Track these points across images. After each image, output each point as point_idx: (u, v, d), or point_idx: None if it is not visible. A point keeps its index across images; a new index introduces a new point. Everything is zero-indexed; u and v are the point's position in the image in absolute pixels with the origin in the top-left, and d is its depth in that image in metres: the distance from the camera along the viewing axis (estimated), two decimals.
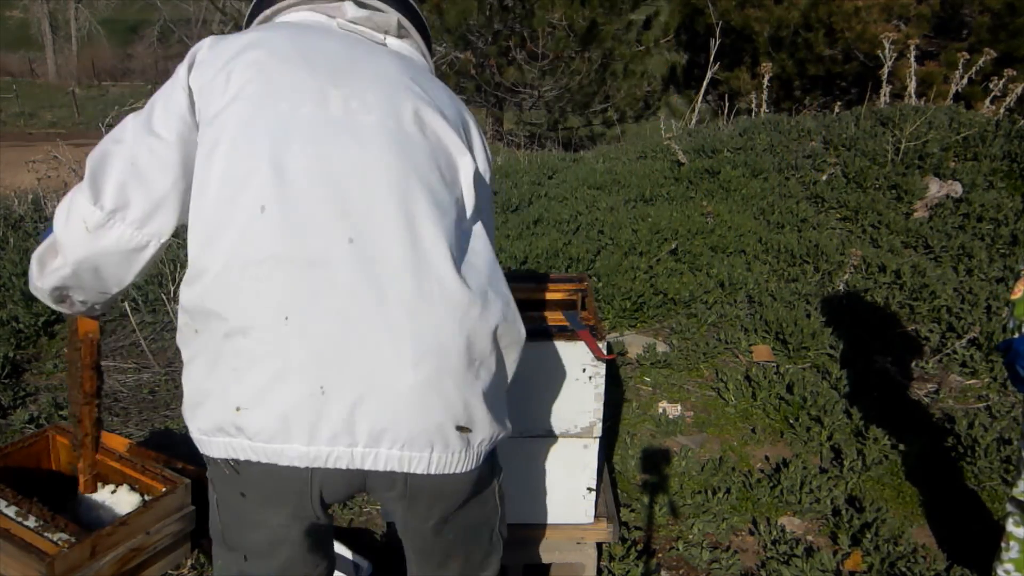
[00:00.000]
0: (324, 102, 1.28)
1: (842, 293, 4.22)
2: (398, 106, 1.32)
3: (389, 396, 1.22)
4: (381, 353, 1.21)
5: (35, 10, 32.99)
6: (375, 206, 1.24)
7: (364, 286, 1.21)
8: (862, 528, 2.68)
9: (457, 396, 1.26)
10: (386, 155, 1.27)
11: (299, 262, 1.20)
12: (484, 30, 11.07)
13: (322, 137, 1.26)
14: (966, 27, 10.83)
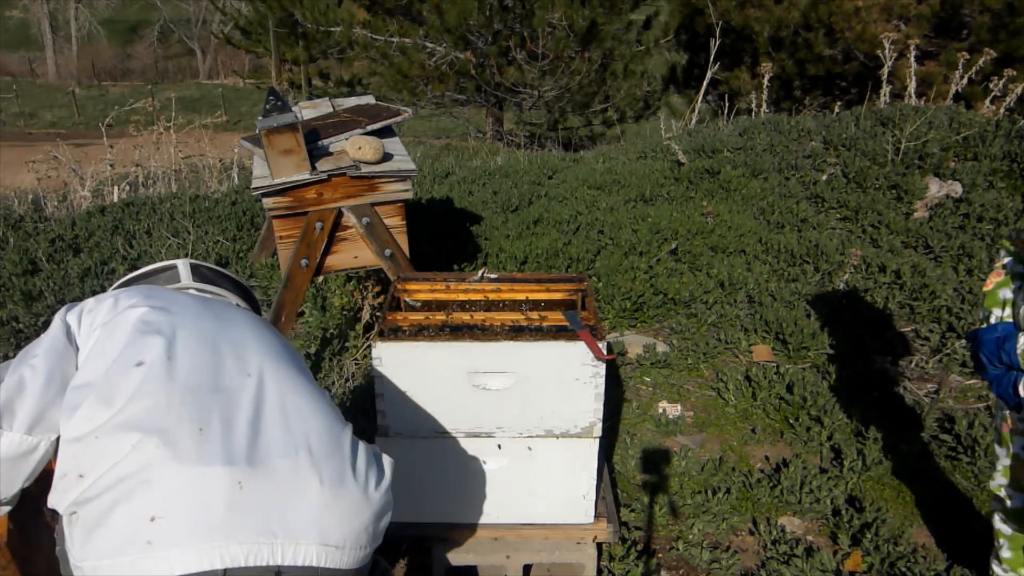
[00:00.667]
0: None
1: (842, 293, 4.22)
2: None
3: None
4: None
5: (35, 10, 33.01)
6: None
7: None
8: (862, 528, 2.68)
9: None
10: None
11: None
12: (484, 30, 11.07)
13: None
14: (966, 27, 10.83)
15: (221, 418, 1.35)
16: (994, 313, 1.98)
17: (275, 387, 1.45)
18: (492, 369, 2.16)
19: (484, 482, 2.31)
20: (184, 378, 1.39)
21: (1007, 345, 1.83)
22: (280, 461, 1.34)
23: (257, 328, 1.61)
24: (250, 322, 1.63)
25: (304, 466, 1.35)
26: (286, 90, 12.22)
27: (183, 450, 1.28)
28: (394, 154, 3.37)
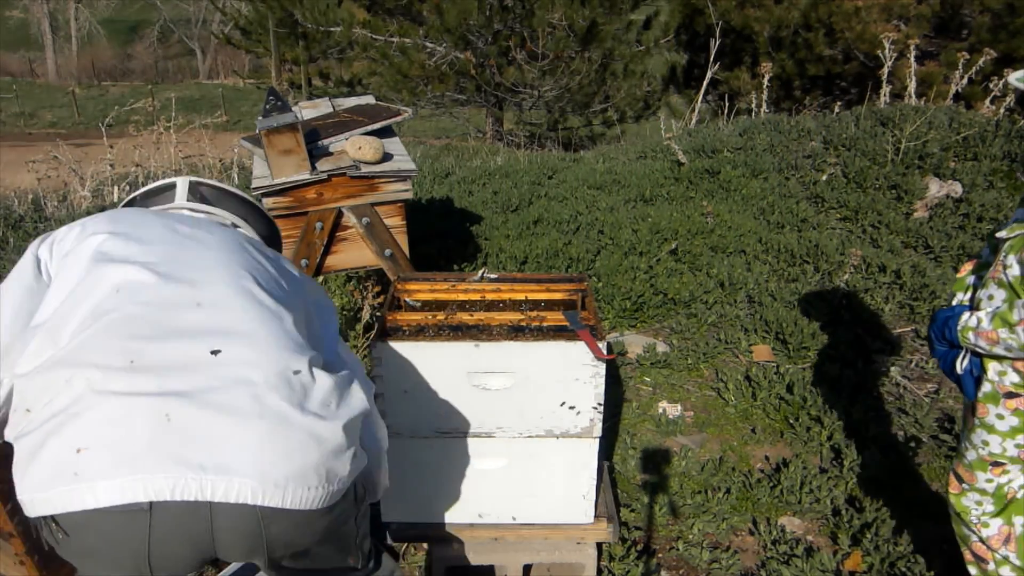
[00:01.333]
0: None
1: (842, 293, 4.21)
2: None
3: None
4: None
5: (35, 10, 33.00)
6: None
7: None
8: (862, 528, 2.68)
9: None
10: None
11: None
12: (484, 30, 11.07)
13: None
14: (966, 27, 10.83)
15: (158, 351, 1.31)
16: (956, 296, 2.05)
17: (224, 318, 1.39)
18: (492, 369, 2.16)
19: (484, 482, 2.31)
20: (129, 309, 1.35)
21: (951, 323, 1.91)
22: (217, 395, 1.28)
23: (226, 252, 1.54)
24: (222, 246, 1.55)
25: (243, 399, 1.29)
26: (286, 90, 12.22)
27: (112, 382, 1.25)
28: (394, 154, 3.37)
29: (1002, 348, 1.80)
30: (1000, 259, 1.86)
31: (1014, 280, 1.81)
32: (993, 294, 1.87)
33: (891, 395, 3.51)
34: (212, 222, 1.70)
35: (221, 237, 1.59)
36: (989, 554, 2.04)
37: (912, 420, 3.30)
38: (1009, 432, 1.88)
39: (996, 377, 1.86)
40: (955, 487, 2.04)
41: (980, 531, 2.02)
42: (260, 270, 1.55)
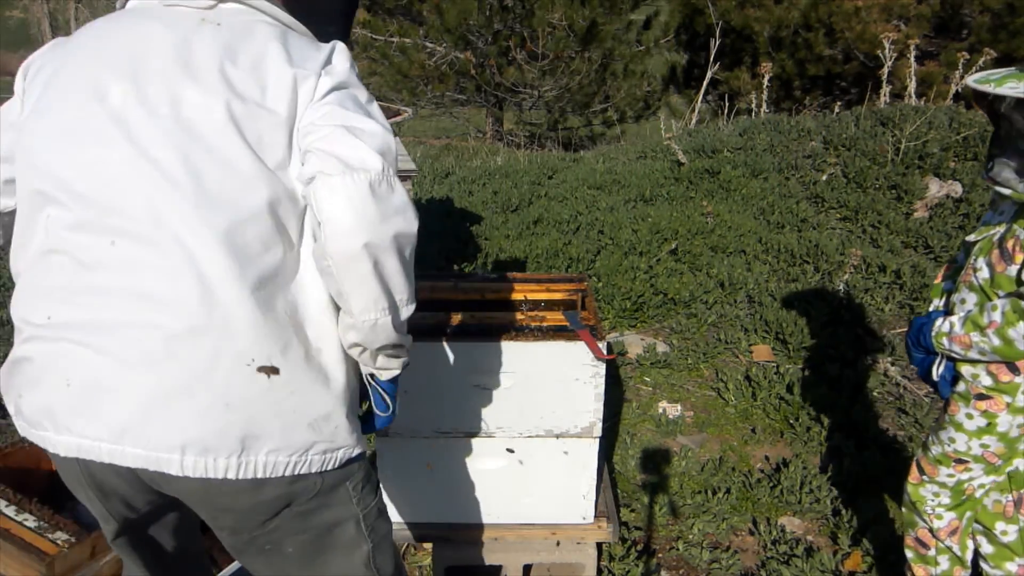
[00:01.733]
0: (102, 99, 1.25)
1: (842, 293, 4.22)
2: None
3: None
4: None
5: (35, 10, 33.03)
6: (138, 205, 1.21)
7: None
8: (862, 528, 2.68)
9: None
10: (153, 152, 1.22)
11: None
12: (484, 30, 11.07)
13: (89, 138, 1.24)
14: (966, 27, 10.83)
15: (70, 310, 1.23)
16: (933, 303, 2.09)
17: (139, 254, 1.21)
18: (492, 369, 2.16)
19: (484, 482, 2.31)
20: (52, 260, 1.25)
21: (925, 329, 1.94)
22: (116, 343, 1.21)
23: (172, 134, 1.23)
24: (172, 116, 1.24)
25: (147, 344, 1.19)
26: None
27: (41, 331, 1.27)
28: None
29: (975, 352, 1.83)
30: (970, 263, 1.90)
31: (984, 283, 1.84)
32: (965, 298, 1.90)
33: (891, 395, 3.51)
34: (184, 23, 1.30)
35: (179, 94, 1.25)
36: (932, 542, 2.09)
37: (912, 420, 3.30)
38: (976, 432, 1.91)
39: (970, 379, 1.90)
40: (915, 477, 2.08)
41: (932, 521, 2.07)
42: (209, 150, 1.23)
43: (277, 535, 1.33)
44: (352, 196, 1.18)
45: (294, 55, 1.29)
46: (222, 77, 1.24)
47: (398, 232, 1.23)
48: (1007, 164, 1.75)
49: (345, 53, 1.35)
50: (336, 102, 1.27)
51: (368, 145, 1.22)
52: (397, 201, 1.24)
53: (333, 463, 1.31)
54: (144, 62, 1.25)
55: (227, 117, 1.22)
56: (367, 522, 1.41)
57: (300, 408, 1.25)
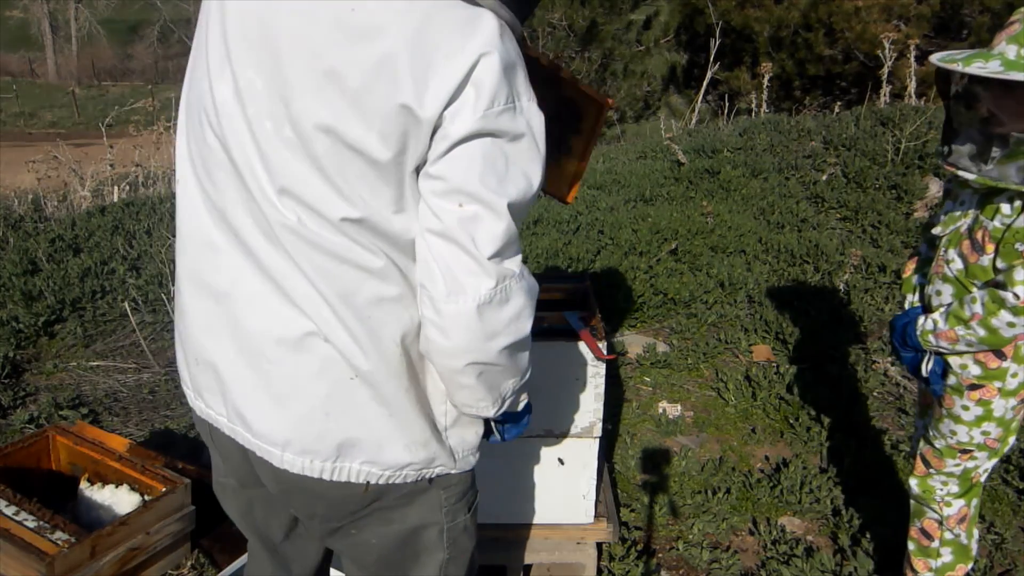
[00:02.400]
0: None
1: (842, 293, 4.22)
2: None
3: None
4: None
5: (35, 10, 33.01)
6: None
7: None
8: (862, 528, 2.68)
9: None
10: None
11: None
12: None
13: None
14: (966, 27, 10.82)
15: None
16: (907, 299, 2.10)
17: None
18: None
19: (484, 482, 2.30)
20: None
21: (909, 329, 1.96)
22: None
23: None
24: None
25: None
26: None
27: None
28: None
29: (963, 344, 1.85)
30: (940, 255, 1.91)
31: (958, 273, 1.86)
32: (940, 290, 1.91)
33: (891, 395, 3.51)
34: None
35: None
36: (938, 533, 2.11)
37: (912, 420, 3.30)
38: (975, 422, 1.94)
39: (959, 371, 1.91)
40: (921, 471, 2.09)
41: (942, 509, 2.08)
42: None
43: (364, 523, 1.35)
44: (457, 322, 1.12)
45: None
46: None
47: (508, 345, 1.17)
48: (963, 149, 1.76)
49: (499, 53, 1.08)
50: (463, 168, 1.09)
51: (483, 258, 1.10)
52: (509, 313, 1.15)
53: (429, 476, 1.31)
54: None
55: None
56: (451, 534, 1.40)
57: (396, 430, 1.24)
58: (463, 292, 1.11)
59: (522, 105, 1.11)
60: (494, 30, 1.07)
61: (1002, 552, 2.63)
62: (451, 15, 1.06)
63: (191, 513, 2.40)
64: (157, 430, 3.22)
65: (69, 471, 2.59)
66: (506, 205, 1.10)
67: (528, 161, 1.13)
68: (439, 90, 1.05)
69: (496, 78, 1.06)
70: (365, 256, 1.15)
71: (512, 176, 1.11)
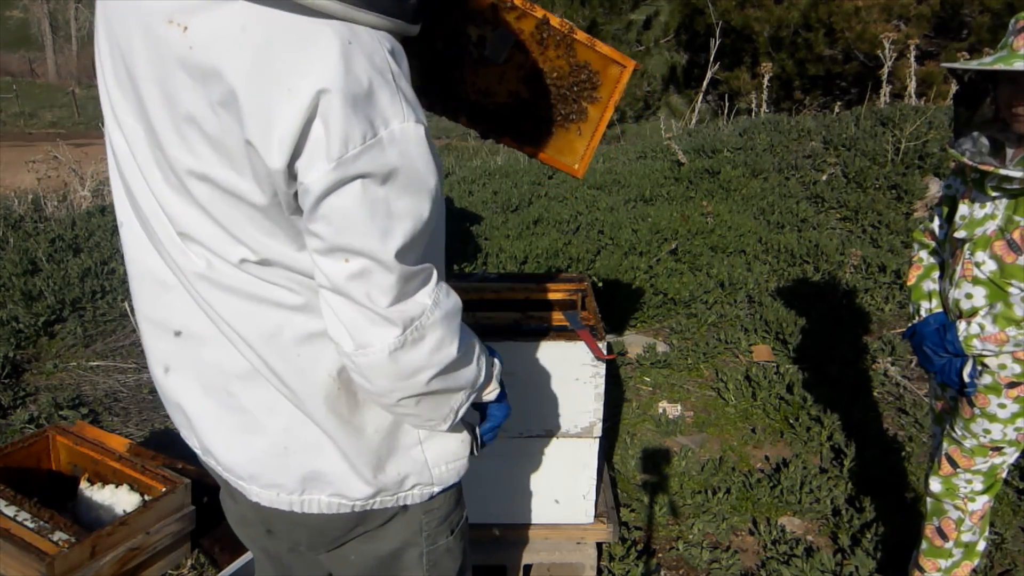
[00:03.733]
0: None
1: (842, 293, 4.21)
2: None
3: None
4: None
5: (35, 10, 33.03)
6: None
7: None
8: (862, 528, 2.68)
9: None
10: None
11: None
12: None
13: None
14: (966, 27, 10.83)
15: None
16: (923, 306, 2.07)
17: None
18: None
19: (484, 482, 2.31)
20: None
21: (949, 335, 1.94)
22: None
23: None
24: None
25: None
26: None
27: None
28: None
29: (1011, 345, 1.84)
30: (966, 258, 1.89)
31: (992, 275, 1.85)
32: (971, 292, 1.90)
33: (891, 395, 3.51)
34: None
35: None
36: (954, 533, 2.10)
37: (912, 420, 3.30)
38: (1010, 419, 1.94)
39: (997, 370, 1.90)
40: (947, 471, 2.08)
41: (966, 505, 2.07)
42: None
43: (348, 546, 1.35)
44: (373, 371, 1.07)
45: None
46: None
47: (434, 375, 1.11)
48: (981, 147, 1.77)
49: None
50: (337, 222, 0.99)
51: (382, 309, 1.03)
52: (427, 348, 1.09)
53: (405, 502, 1.28)
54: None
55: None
56: (431, 557, 1.37)
57: (350, 464, 1.21)
58: (370, 345, 1.04)
59: (389, 133, 0.96)
60: (333, 55, 0.92)
61: (1002, 552, 2.63)
62: (291, 37, 0.93)
63: (191, 513, 2.40)
64: (157, 430, 3.22)
65: (69, 471, 2.59)
66: (394, 254, 1.00)
67: (411, 195, 1.00)
68: (282, 138, 0.92)
69: (342, 117, 0.92)
70: (282, 294, 1.09)
71: (395, 219, 0.99)
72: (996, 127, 1.78)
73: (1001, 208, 1.82)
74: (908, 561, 2.46)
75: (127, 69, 1.04)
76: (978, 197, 1.87)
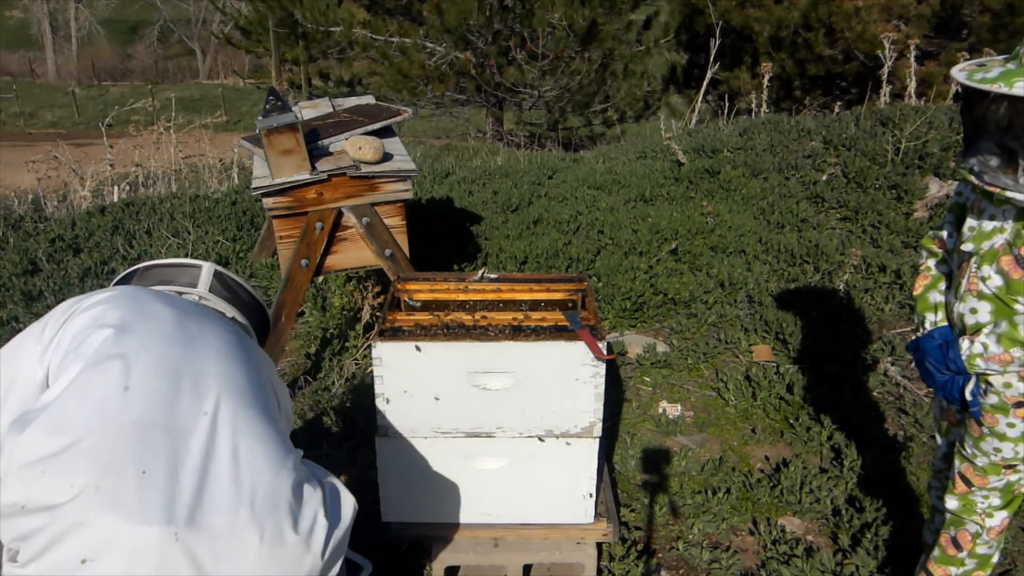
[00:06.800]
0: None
1: (842, 293, 4.21)
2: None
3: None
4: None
5: (35, 10, 33.02)
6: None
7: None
8: (862, 528, 2.68)
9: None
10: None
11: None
12: (484, 30, 11.07)
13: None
14: (966, 27, 10.83)
15: (167, 462, 1.32)
16: (928, 318, 2.02)
17: (229, 428, 1.41)
18: (492, 369, 2.16)
19: (484, 482, 2.31)
20: (136, 412, 1.35)
21: (951, 353, 1.89)
22: (220, 518, 1.31)
23: (227, 356, 1.54)
24: (222, 348, 1.55)
25: (244, 522, 1.32)
26: (286, 90, 12.21)
27: (122, 498, 1.27)
28: (394, 154, 3.37)
29: (1017, 365, 1.79)
30: (972, 272, 1.84)
31: (998, 291, 1.79)
32: (976, 308, 1.85)
33: (891, 395, 3.51)
34: (216, 317, 1.69)
35: (218, 340, 1.57)
36: (969, 544, 2.07)
37: (912, 420, 3.30)
38: (1020, 437, 1.89)
39: (1002, 389, 1.85)
40: (962, 489, 2.04)
41: (984, 521, 2.03)
42: (253, 376, 1.56)
43: None
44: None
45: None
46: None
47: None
48: (991, 162, 1.68)
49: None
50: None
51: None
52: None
53: None
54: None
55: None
56: None
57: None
58: None
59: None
60: None
61: (1002, 552, 2.63)
62: None
63: None
64: None
65: None
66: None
67: None
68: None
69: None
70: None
71: None
72: (1010, 135, 1.66)
73: (1010, 221, 1.76)
74: (909, 561, 2.47)
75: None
76: (987, 208, 1.81)
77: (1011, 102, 1.61)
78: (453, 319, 2.31)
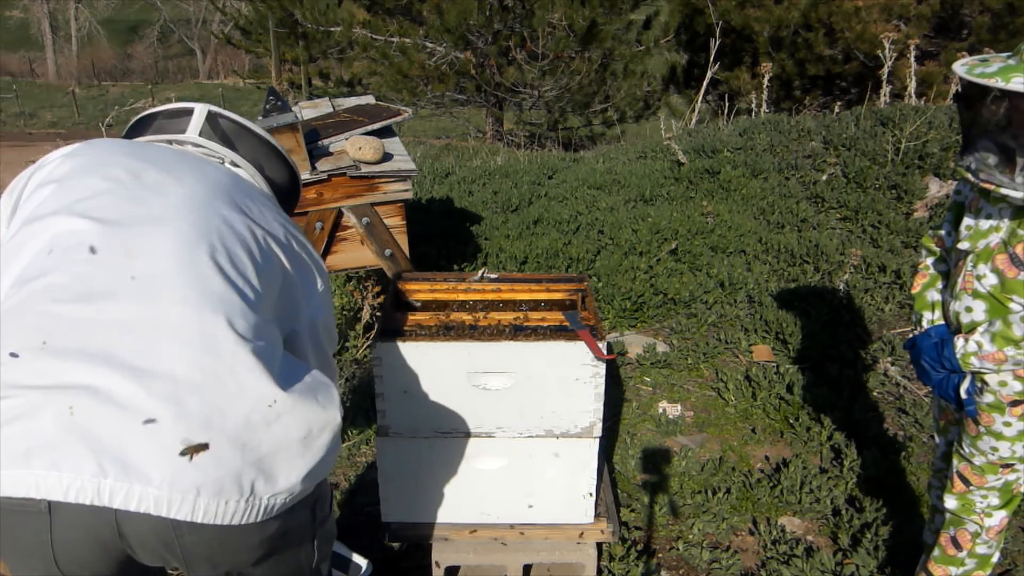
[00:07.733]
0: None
1: (842, 293, 4.21)
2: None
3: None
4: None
5: (35, 10, 33.02)
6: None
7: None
8: (862, 528, 2.68)
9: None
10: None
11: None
12: (484, 30, 11.07)
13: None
14: (966, 27, 10.83)
15: (75, 333, 1.20)
16: (925, 316, 2.03)
17: (154, 303, 1.25)
18: (492, 369, 2.16)
19: (484, 482, 2.31)
20: (55, 278, 1.25)
21: (946, 351, 1.89)
22: (127, 385, 1.17)
23: (191, 209, 1.37)
24: (192, 199, 1.39)
25: (158, 393, 1.18)
26: (286, 90, 12.21)
27: (21, 368, 1.17)
28: (394, 154, 3.37)
29: (1011, 364, 1.79)
30: (968, 270, 1.84)
31: (993, 289, 1.79)
32: (971, 306, 1.85)
33: (891, 395, 3.51)
34: (208, 162, 1.54)
35: (199, 186, 1.43)
36: (969, 544, 2.08)
37: (912, 420, 3.30)
38: (1018, 436, 1.89)
39: (998, 388, 1.85)
40: (960, 488, 2.04)
41: (983, 521, 2.04)
42: (231, 233, 1.38)
43: (265, 572, 1.36)
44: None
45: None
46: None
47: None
48: (988, 159, 1.67)
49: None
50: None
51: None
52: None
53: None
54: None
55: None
56: (320, 540, 1.48)
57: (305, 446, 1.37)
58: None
59: None
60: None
61: (1002, 552, 2.63)
62: None
63: None
64: None
65: None
66: None
67: None
68: None
69: None
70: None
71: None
72: (1008, 133, 1.65)
73: (1006, 220, 1.76)
74: (909, 561, 2.47)
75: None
76: (984, 207, 1.81)
77: (1008, 98, 1.61)
78: (453, 319, 2.31)
